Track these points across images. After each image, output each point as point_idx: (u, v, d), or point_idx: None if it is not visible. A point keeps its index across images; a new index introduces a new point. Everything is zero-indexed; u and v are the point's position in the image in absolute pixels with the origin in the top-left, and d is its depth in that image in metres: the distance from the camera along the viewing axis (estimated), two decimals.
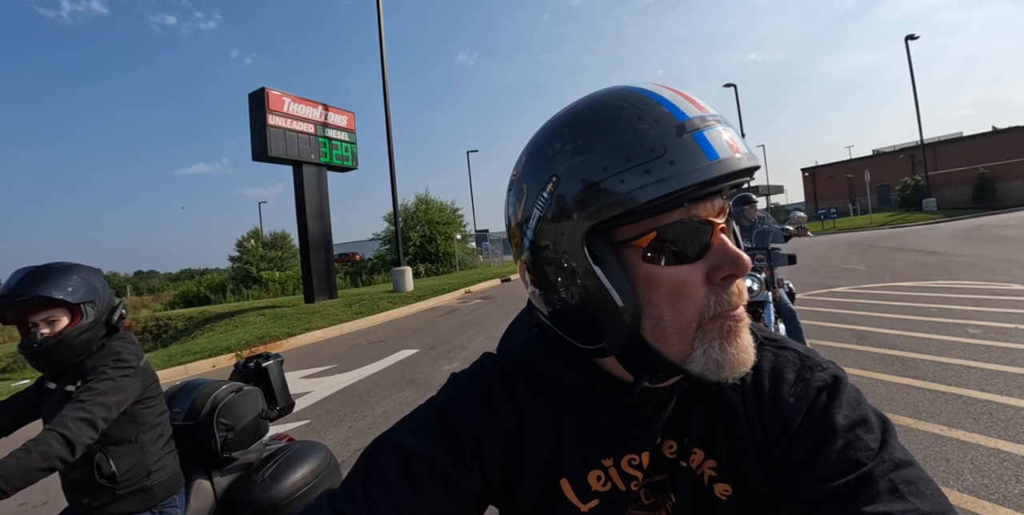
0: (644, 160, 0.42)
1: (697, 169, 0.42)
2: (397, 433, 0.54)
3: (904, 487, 0.42)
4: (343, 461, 3.41)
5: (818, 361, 0.54)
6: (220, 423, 1.63)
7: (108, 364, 1.40)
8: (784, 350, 0.55)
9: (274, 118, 11.74)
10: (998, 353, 4.17)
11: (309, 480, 1.70)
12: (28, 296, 1.34)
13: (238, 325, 10.73)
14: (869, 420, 0.48)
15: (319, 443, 1.87)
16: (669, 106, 0.44)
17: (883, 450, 0.45)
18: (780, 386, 0.52)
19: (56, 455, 1.20)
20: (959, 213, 24.31)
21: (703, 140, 0.43)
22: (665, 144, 0.42)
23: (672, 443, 0.54)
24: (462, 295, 13.19)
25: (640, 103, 0.45)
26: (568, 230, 0.45)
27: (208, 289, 23.69)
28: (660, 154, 0.42)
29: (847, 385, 0.51)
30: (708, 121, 0.44)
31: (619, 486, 0.53)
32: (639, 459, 0.53)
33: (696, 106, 0.45)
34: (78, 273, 1.43)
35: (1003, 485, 2.32)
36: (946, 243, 13.00)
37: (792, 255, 4.22)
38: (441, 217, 23.71)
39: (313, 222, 12.45)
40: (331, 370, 6.16)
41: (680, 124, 0.43)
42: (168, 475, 1.51)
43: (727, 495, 0.51)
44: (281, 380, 1.96)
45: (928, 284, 7.59)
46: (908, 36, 26.08)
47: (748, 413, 0.52)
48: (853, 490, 0.43)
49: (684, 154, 0.42)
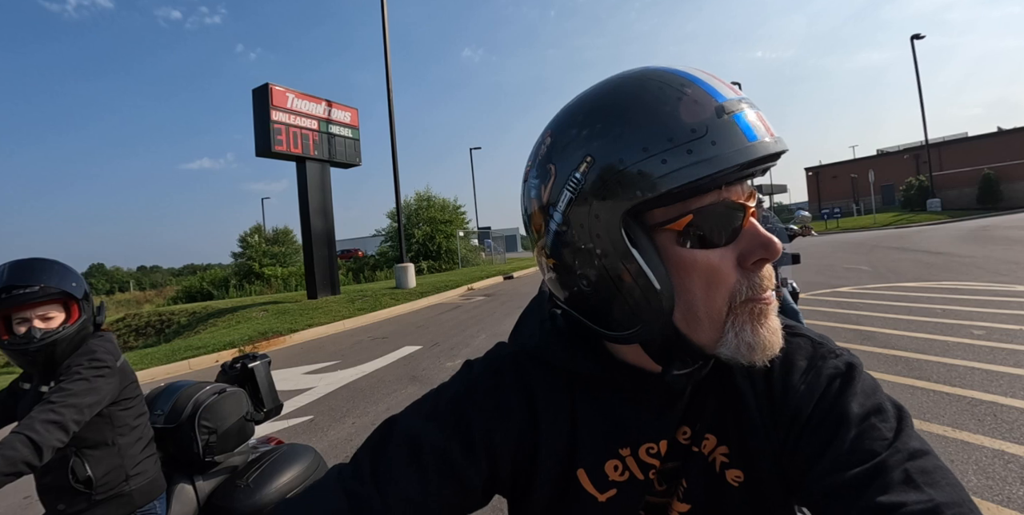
0: (686, 140, 0.41)
1: (738, 150, 0.41)
2: (409, 417, 0.55)
3: (919, 477, 0.41)
4: (346, 457, 3.41)
5: (831, 348, 0.53)
6: (202, 426, 1.58)
7: (82, 364, 1.33)
8: (797, 336, 0.54)
9: (278, 114, 11.73)
10: (1002, 354, 4.15)
11: (295, 485, 1.65)
12: (35, 287, 1.28)
13: (241, 321, 10.75)
14: (884, 408, 0.47)
15: (307, 446, 1.83)
16: (707, 87, 0.44)
17: (898, 439, 0.44)
18: (791, 373, 0.51)
19: (22, 459, 1.12)
20: (964, 214, 24.22)
21: (743, 121, 0.42)
22: (707, 125, 0.42)
23: (686, 429, 0.54)
24: (464, 292, 13.20)
25: (678, 84, 0.44)
26: (603, 212, 0.44)
27: (211, 284, 23.75)
28: (702, 135, 0.41)
29: (862, 373, 0.50)
30: (743, 103, 0.44)
31: (637, 475, 0.53)
32: (657, 447, 0.53)
33: (730, 88, 0.45)
34: (66, 266, 1.38)
35: (1008, 487, 2.31)
36: (951, 244, 12.95)
37: (796, 254, 4.21)
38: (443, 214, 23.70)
39: (316, 218, 12.46)
40: (334, 366, 6.17)
41: (720, 105, 0.43)
42: (148, 480, 1.46)
43: (739, 481, 0.51)
44: (268, 381, 1.91)
45: (932, 285, 7.56)
46: (914, 35, 25.95)
47: (759, 400, 0.51)
48: (867, 480, 0.42)
49: (725, 135, 0.42)
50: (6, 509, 3.04)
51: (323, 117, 12.92)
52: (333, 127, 13.17)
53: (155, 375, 6.77)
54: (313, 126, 12.59)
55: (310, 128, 12.49)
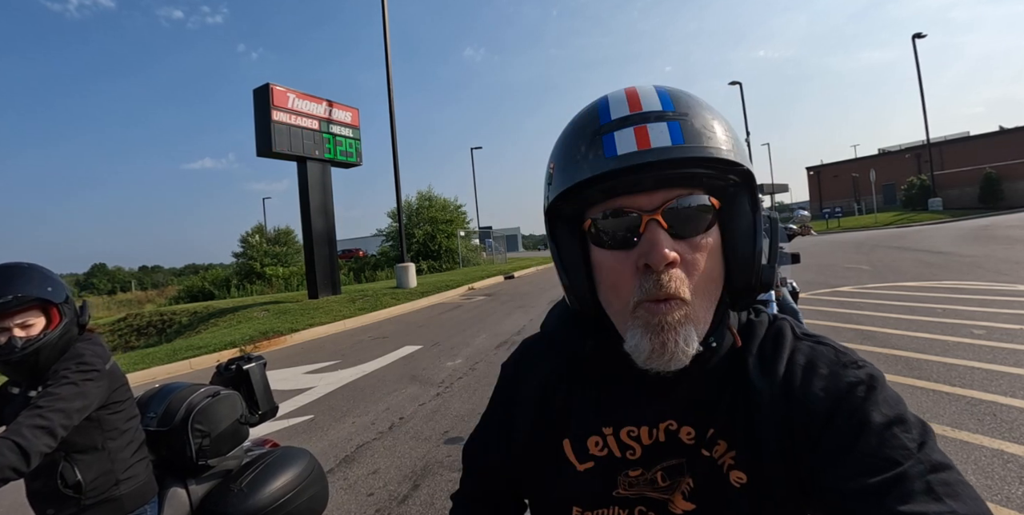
0: (569, 158, 0.52)
1: (590, 166, 0.49)
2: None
3: (940, 489, 0.41)
4: (346, 456, 3.43)
5: (854, 358, 0.53)
6: (195, 429, 1.56)
7: (70, 367, 1.30)
8: (821, 345, 0.55)
9: (279, 114, 11.74)
10: (1003, 354, 4.15)
11: (290, 489, 1.64)
12: (8, 297, 1.24)
13: (242, 320, 10.75)
14: (907, 420, 0.47)
15: (302, 449, 1.82)
16: (603, 110, 0.52)
17: (921, 451, 0.44)
18: (812, 379, 0.51)
19: (9, 465, 1.10)
20: (965, 213, 24.17)
21: (609, 140, 0.49)
22: (584, 144, 0.51)
23: (690, 429, 0.55)
24: (465, 292, 13.20)
25: (591, 108, 0.54)
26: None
27: (212, 284, 23.77)
28: (579, 153, 0.51)
29: (885, 385, 0.50)
30: (631, 120, 0.50)
31: (615, 453, 0.57)
32: (637, 432, 0.56)
33: (633, 106, 0.51)
34: (43, 271, 1.36)
35: (1007, 486, 2.32)
36: (952, 243, 12.93)
37: (795, 254, 4.22)
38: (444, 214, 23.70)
39: (317, 218, 12.47)
40: (334, 366, 6.18)
41: (598, 127, 0.51)
42: (139, 484, 1.44)
43: (741, 483, 0.52)
44: (263, 383, 1.89)
45: (933, 284, 7.55)
46: (916, 35, 25.89)
47: (775, 403, 0.51)
48: (887, 488, 0.42)
49: (590, 153, 0.50)
50: (7, 509, 3.05)
51: (324, 117, 12.93)
52: (334, 127, 13.17)
53: (156, 375, 6.79)
54: (314, 126, 12.59)
55: (311, 128, 12.49)
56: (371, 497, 2.85)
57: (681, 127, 0.49)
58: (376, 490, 2.92)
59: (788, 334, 0.56)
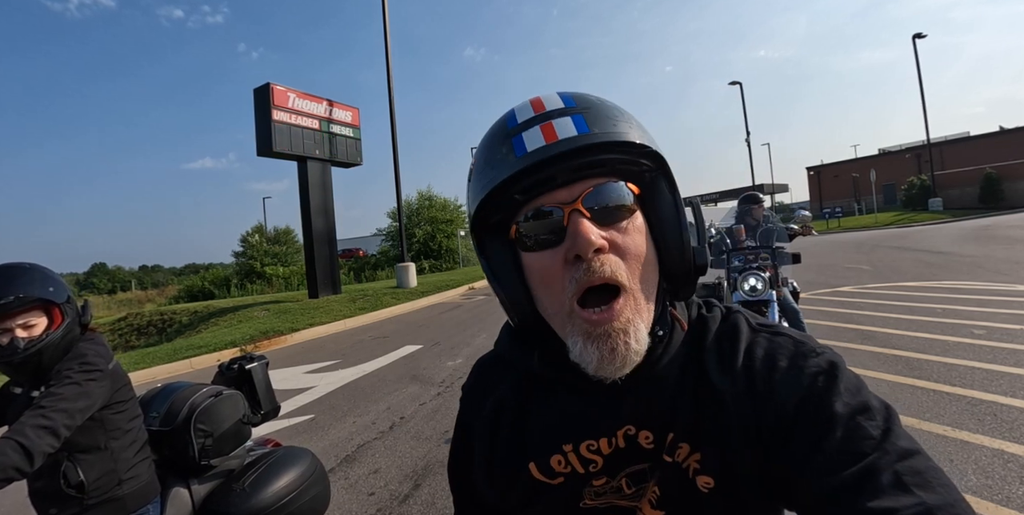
0: (483, 167, 0.53)
1: (505, 168, 0.50)
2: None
3: (909, 478, 0.40)
4: (347, 456, 3.43)
5: (812, 347, 0.52)
6: (198, 429, 1.55)
7: (73, 367, 1.30)
8: (778, 336, 0.54)
9: (279, 113, 11.74)
10: (1003, 354, 4.16)
11: (292, 489, 1.64)
12: (9, 298, 1.24)
13: (242, 320, 10.76)
14: (871, 406, 0.46)
15: (304, 449, 1.82)
16: (511, 117, 0.53)
17: (887, 439, 0.43)
18: (773, 373, 0.50)
19: (12, 465, 1.11)
20: (965, 213, 24.17)
21: (518, 140, 0.50)
22: (495, 151, 0.52)
23: (648, 433, 0.53)
24: (465, 291, 13.20)
25: (500, 119, 0.55)
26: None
27: (212, 284, 23.78)
28: (492, 160, 0.52)
29: (845, 371, 0.49)
30: (535, 121, 0.51)
31: (577, 469, 0.55)
32: (597, 445, 0.55)
33: (536, 108, 0.52)
34: (45, 271, 1.35)
35: (1007, 486, 2.32)
36: (952, 243, 12.94)
37: (796, 254, 4.21)
38: (444, 214, 23.70)
39: (317, 217, 12.47)
40: (335, 365, 6.19)
41: (508, 131, 0.52)
42: (141, 484, 1.44)
43: (708, 488, 0.50)
44: (266, 383, 1.89)
45: (933, 284, 7.56)
46: (916, 35, 25.88)
47: (739, 401, 0.50)
48: (857, 483, 0.41)
49: (501, 157, 0.51)
50: (8, 508, 3.06)
51: (324, 117, 12.93)
52: (334, 126, 13.18)
53: (157, 374, 6.79)
54: (314, 126, 12.59)
55: (311, 127, 12.49)
56: (372, 496, 2.85)
57: (585, 118, 0.50)
58: (377, 489, 2.93)
59: (744, 327, 0.55)
